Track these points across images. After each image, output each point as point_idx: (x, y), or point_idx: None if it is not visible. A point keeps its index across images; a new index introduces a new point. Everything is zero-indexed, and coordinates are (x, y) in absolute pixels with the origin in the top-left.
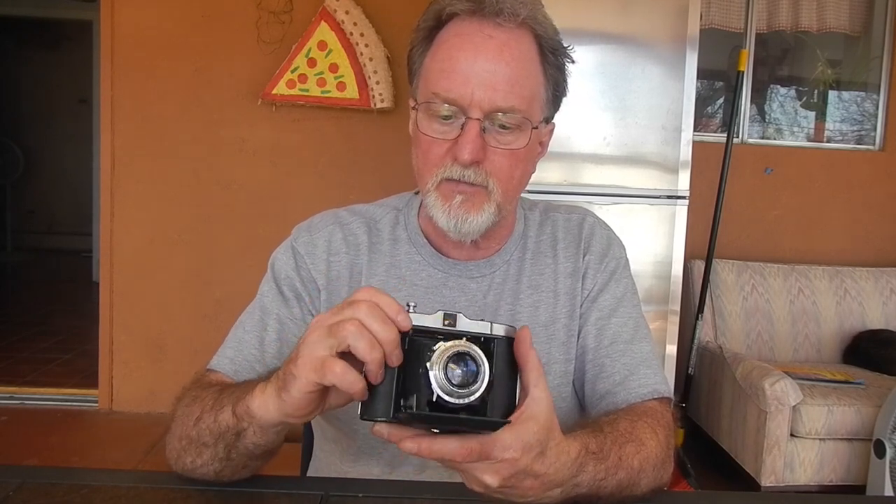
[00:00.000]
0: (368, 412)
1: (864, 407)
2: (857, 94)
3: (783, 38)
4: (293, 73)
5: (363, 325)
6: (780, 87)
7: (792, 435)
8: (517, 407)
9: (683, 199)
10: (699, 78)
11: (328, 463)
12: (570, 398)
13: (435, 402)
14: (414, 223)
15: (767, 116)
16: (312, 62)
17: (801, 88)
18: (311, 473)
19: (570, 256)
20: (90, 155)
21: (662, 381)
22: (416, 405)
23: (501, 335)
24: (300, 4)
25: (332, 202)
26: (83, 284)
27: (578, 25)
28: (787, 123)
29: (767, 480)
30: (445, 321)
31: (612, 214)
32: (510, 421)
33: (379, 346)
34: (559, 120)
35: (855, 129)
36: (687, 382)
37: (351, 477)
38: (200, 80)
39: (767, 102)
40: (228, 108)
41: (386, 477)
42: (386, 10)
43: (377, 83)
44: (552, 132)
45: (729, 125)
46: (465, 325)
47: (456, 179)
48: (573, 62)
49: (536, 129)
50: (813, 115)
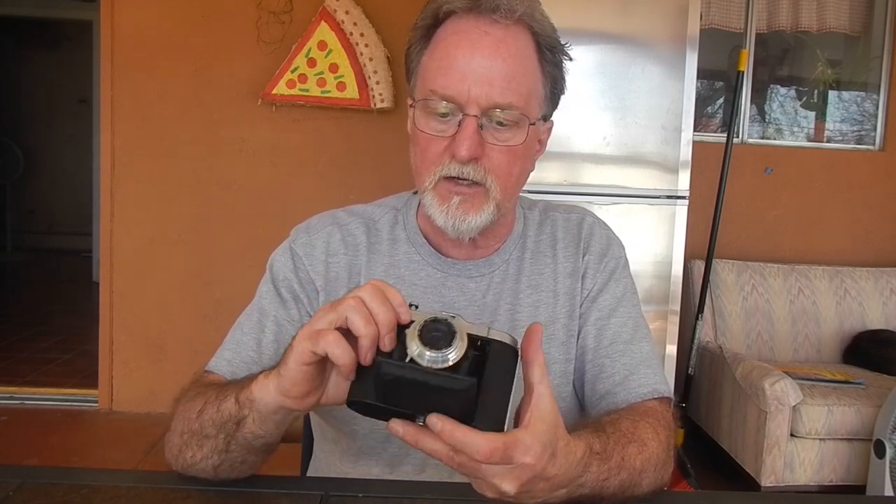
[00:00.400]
0: (354, 393)
1: (864, 407)
2: (857, 94)
3: (783, 38)
4: (293, 73)
5: (364, 303)
6: (780, 87)
7: (792, 435)
8: (524, 409)
9: (683, 199)
10: (699, 78)
11: (328, 463)
12: (569, 398)
13: (408, 363)
14: (413, 223)
15: (767, 116)
16: (312, 62)
17: (801, 88)
18: (311, 473)
19: (569, 256)
20: (90, 155)
21: (662, 380)
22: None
23: (497, 339)
24: (300, 4)
25: (332, 202)
26: (83, 284)
27: (578, 25)
28: (787, 123)
29: (767, 480)
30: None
31: (612, 214)
32: (475, 380)
33: (374, 324)
34: (559, 120)
35: (855, 129)
36: (687, 382)
37: (351, 477)
38: (200, 80)
39: (767, 102)
40: (228, 108)
41: (386, 477)
42: (386, 10)
43: (377, 83)
44: (551, 130)
45: (729, 125)
46: (459, 325)
47: (454, 177)
48: (571, 60)
49: (534, 125)
50: (813, 115)
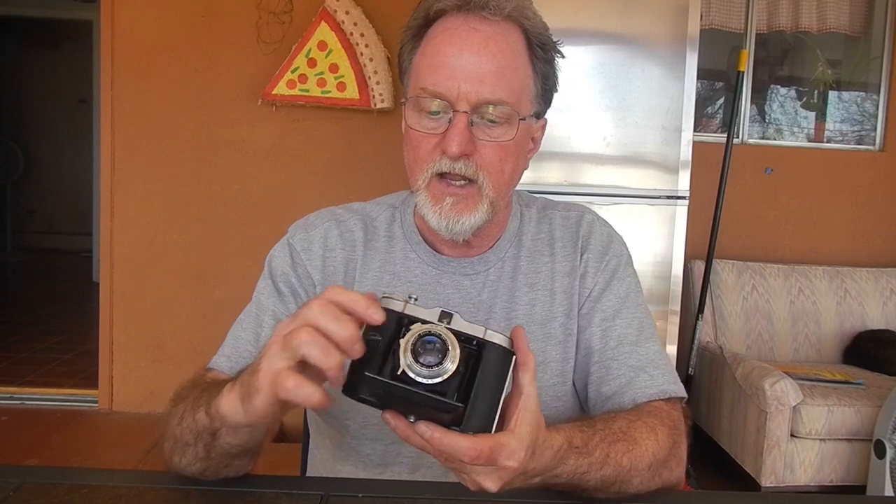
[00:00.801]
0: (348, 388)
1: (864, 407)
2: (857, 94)
3: (783, 38)
4: (293, 73)
5: (316, 328)
6: (780, 87)
7: (792, 435)
8: (512, 409)
9: (683, 199)
10: (699, 78)
11: (322, 460)
12: (567, 398)
13: (399, 375)
14: (409, 221)
15: (767, 116)
16: (312, 62)
17: (801, 89)
18: (310, 473)
19: (567, 255)
20: (90, 155)
21: (671, 379)
22: (379, 374)
23: (494, 342)
24: (300, 4)
25: (331, 202)
26: (83, 284)
27: (578, 25)
28: (787, 124)
29: (767, 480)
30: (441, 318)
31: (612, 215)
32: (462, 406)
33: (334, 349)
34: (559, 120)
35: (855, 129)
36: (687, 382)
37: (342, 476)
38: (200, 80)
39: (767, 102)
40: (228, 108)
41: (377, 476)
42: (386, 10)
43: (377, 83)
44: (544, 128)
45: (729, 125)
46: (459, 324)
47: (446, 173)
48: (563, 57)
49: (525, 121)
50: (813, 115)
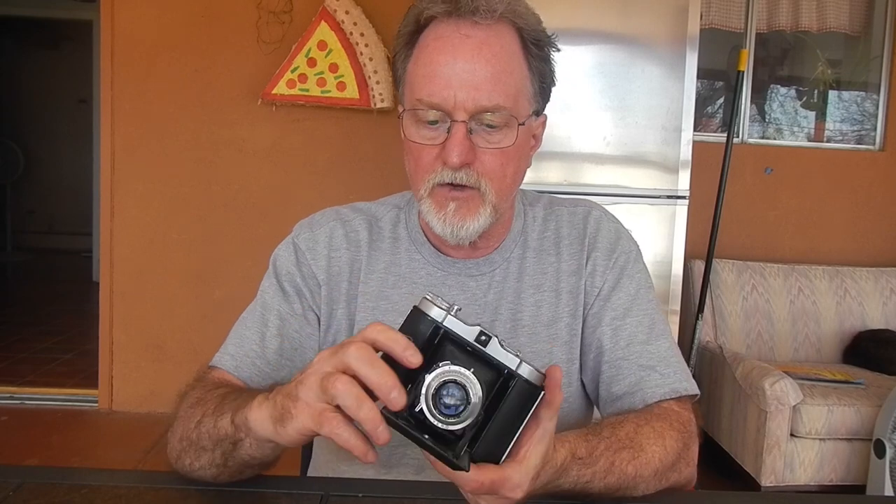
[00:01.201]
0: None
1: (864, 407)
2: (857, 94)
3: (783, 38)
4: (293, 72)
5: (354, 375)
6: (780, 87)
7: (792, 435)
8: (525, 439)
9: (683, 199)
10: (699, 78)
11: (326, 461)
12: (573, 398)
13: (417, 413)
14: (414, 221)
15: (767, 116)
16: (312, 62)
17: (801, 88)
18: (311, 473)
19: (574, 254)
20: (90, 155)
21: (682, 378)
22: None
23: (524, 376)
24: (300, 4)
25: (332, 202)
26: (83, 284)
27: (578, 25)
28: (787, 123)
29: (767, 480)
30: (480, 337)
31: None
32: (467, 469)
33: (368, 401)
34: (559, 120)
35: (855, 129)
36: None
37: (348, 477)
38: (200, 80)
39: (767, 102)
40: (228, 108)
41: (383, 477)
42: (386, 10)
43: (377, 83)
44: (545, 124)
45: (729, 125)
46: (495, 350)
47: (448, 183)
48: (559, 50)
49: (523, 125)
50: (813, 115)
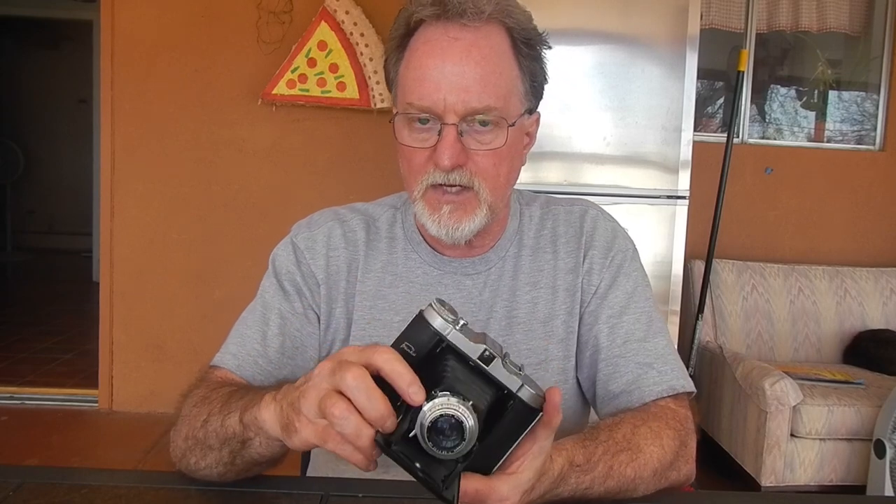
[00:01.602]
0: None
1: (864, 407)
2: (857, 94)
3: (783, 38)
4: (293, 73)
5: (351, 401)
6: (780, 87)
7: (792, 435)
8: (520, 452)
9: (683, 199)
10: (699, 78)
11: (325, 461)
12: (569, 396)
13: (411, 438)
14: (410, 221)
15: (767, 116)
16: (312, 62)
17: (801, 88)
18: (310, 473)
19: (571, 252)
20: (90, 155)
21: (679, 375)
22: (392, 431)
23: (524, 399)
24: (300, 4)
25: (332, 202)
26: (83, 284)
27: (578, 25)
28: (787, 123)
29: (767, 480)
30: (484, 354)
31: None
32: (453, 502)
33: (365, 426)
34: (559, 120)
35: (855, 129)
36: None
37: (347, 476)
38: (200, 80)
39: (767, 102)
40: (228, 108)
41: (381, 477)
42: (386, 10)
43: (377, 83)
44: (538, 122)
45: (729, 125)
46: (497, 369)
47: (441, 184)
48: (550, 48)
49: (513, 125)
50: (813, 115)
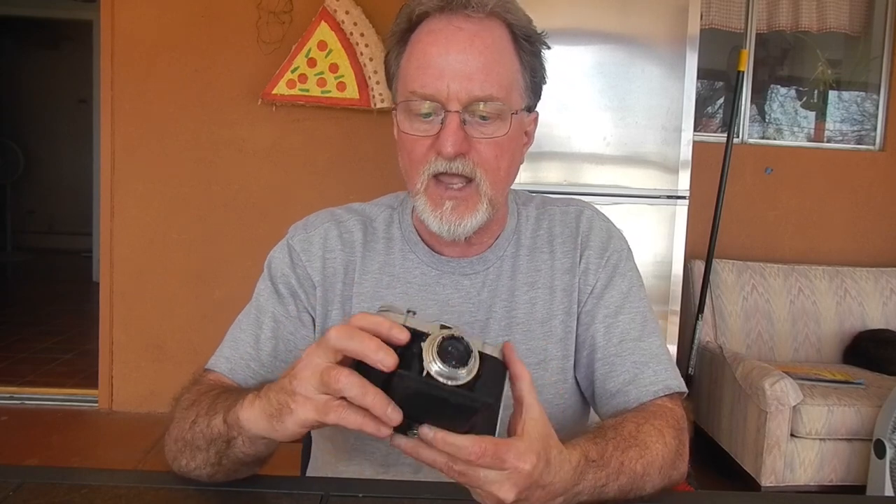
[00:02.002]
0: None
1: (864, 407)
2: (857, 94)
3: (783, 38)
4: (293, 73)
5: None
6: (780, 87)
7: (792, 435)
8: (515, 421)
9: (683, 199)
10: (699, 78)
11: (325, 461)
12: (568, 395)
13: (424, 378)
14: (408, 221)
15: (767, 116)
16: (312, 62)
17: (801, 88)
18: (310, 473)
19: (567, 252)
20: (90, 155)
21: (674, 375)
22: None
23: (490, 355)
24: (300, 4)
25: (331, 202)
26: (83, 284)
27: (578, 25)
28: (787, 123)
29: (767, 480)
30: (440, 326)
31: (612, 214)
32: (493, 402)
33: (372, 386)
34: (559, 119)
35: (855, 129)
36: (687, 382)
37: (346, 476)
38: (200, 80)
39: (767, 102)
40: (228, 108)
41: (381, 476)
42: (386, 9)
43: (377, 83)
44: (537, 121)
45: (729, 125)
46: (476, 344)
47: (443, 173)
48: (549, 48)
49: (516, 114)
50: (813, 115)
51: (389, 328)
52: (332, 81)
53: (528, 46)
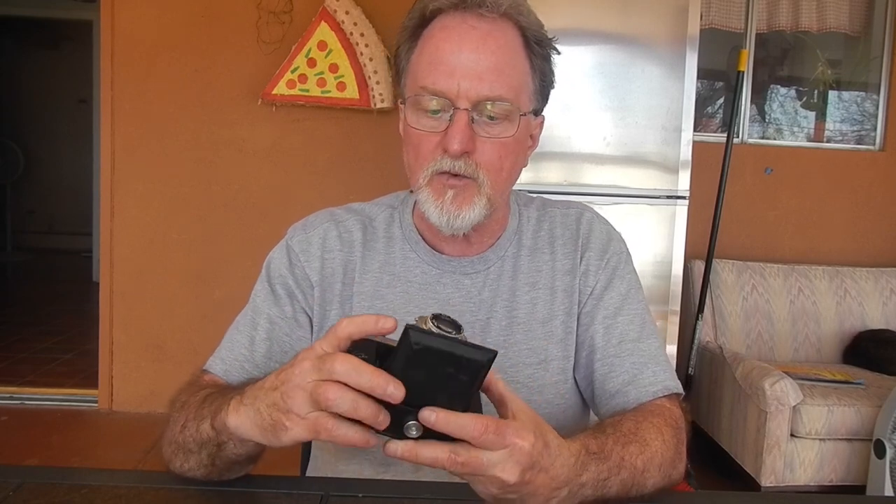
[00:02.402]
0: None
1: (864, 407)
2: (857, 94)
3: (783, 38)
4: (293, 73)
5: (343, 383)
6: (780, 87)
7: (792, 435)
8: (502, 413)
9: (683, 199)
10: (699, 78)
11: (325, 461)
12: (569, 395)
13: (431, 328)
14: (409, 221)
15: (767, 116)
16: (312, 62)
17: (801, 88)
18: (310, 473)
19: (568, 253)
20: (90, 155)
21: (671, 377)
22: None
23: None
24: (300, 4)
25: (331, 202)
26: (83, 284)
27: (578, 25)
28: (787, 123)
29: (767, 480)
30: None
31: (612, 215)
32: (496, 352)
33: (361, 398)
34: (559, 119)
35: (855, 129)
36: (687, 382)
37: (346, 476)
38: (200, 80)
39: (767, 102)
40: (228, 108)
41: (380, 476)
42: (386, 10)
43: (377, 83)
44: (542, 125)
45: (729, 125)
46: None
47: (447, 171)
48: (559, 53)
49: (525, 116)
50: (813, 115)
51: (376, 322)
52: (332, 81)
53: (538, 50)
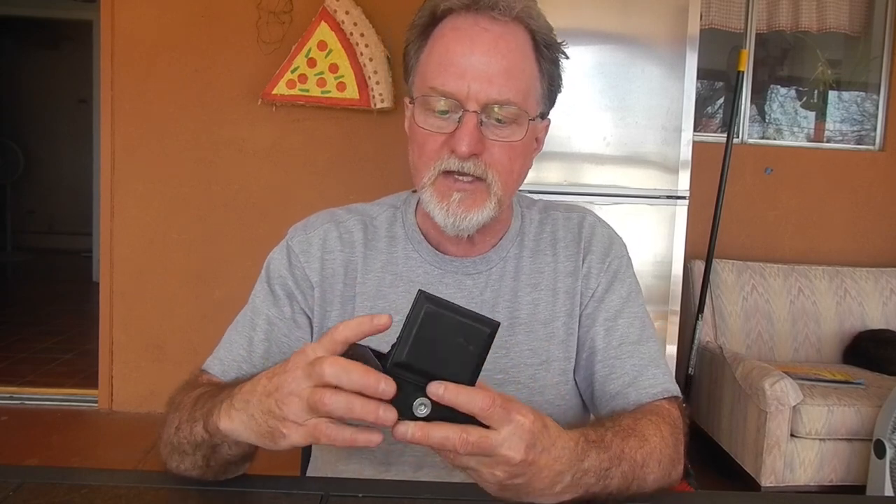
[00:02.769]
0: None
1: (864, 407)
2: (857, 94)
3: (783, 38)
4: (293, 73)
5: (332, 389)
6: (780, 87)
7: (792, 435)
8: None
9: (683, 199)
10: (699, 78)
11: (325, 461)
12: (569, 396)
13: (437, 297)
14: (411, 220)
15: (767, 116)
16: (312, 62)
17: (801, 88)
18: (310, 473)
19: (570, 256)
20: (90, 155)
21: (671, 379)
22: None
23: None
24: (300, 4)
25: (331, 202)
26: (83, 284)
27: (578, 25)
28: (787, 123)
29: (767, 480)
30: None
31: (612, 214)
32: (500, 323)
33: (357, 399)
34: (559, 119)
35: (855, 129)
36: (687, 382)
37: (346, 476)
38: (200, 80)
39: (767, 102)
40: (228, 108)
41: (381, 476)
42: (386, 10)
43: (377, 83)
44: (548, 128)
45: (729, 125)
46: None
47: (454, 171)
48: (567, 57)
49: (533, 121)
50: (813, 115)
51: (371, 321)
52: (332, 81)
53: (548, 54)
